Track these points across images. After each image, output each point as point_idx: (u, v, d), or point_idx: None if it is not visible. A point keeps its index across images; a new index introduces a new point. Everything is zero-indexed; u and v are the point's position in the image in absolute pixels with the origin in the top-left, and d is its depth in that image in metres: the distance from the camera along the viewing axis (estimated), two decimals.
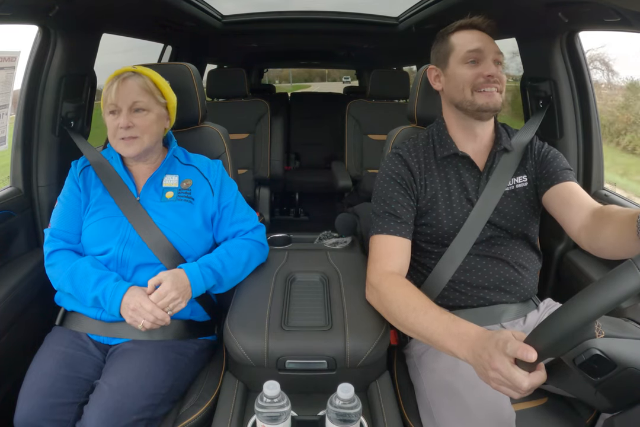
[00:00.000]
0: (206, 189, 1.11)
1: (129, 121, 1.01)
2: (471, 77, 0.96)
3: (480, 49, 0.96)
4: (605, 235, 0.81)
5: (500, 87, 0.97)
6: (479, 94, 0.96)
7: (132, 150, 1.04)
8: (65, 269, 0.99)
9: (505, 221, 1.00)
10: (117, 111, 1.02)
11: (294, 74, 13.48)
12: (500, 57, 0.97)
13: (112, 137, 1.05)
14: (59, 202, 1.09)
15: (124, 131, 1.02)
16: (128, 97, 1.02)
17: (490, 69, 0.95)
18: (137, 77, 1.04)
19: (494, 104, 0.96)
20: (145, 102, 1.03)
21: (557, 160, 1.00)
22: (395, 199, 1.00)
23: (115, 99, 1.01)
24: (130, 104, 1.02)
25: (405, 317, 0.84)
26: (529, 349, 0.61)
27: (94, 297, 0.95)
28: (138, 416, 0.86)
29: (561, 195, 0.94)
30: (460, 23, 0.99)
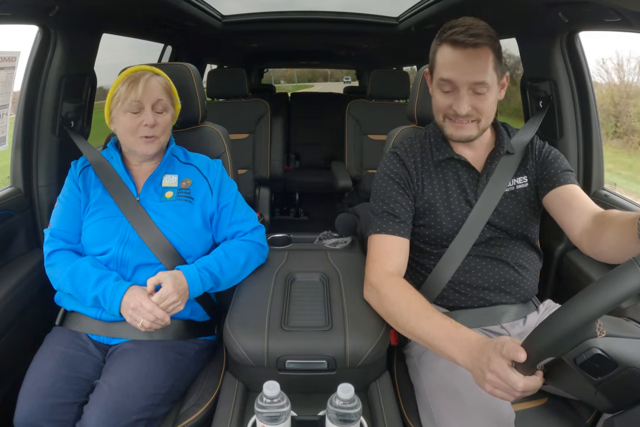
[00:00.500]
0: (205, 188, 1.11)
1: (154, 119, 1.02)
2: (442, 106, 0.94)
3: (452, 80, 0.89)
4: (606, 239, 0.81)
5: (476, 118, 0.92)
6: (449, 122, 0.95)
7: (152, 149, 1.05)
8: (65, 269, 0.99)
9: (505, 222, 1.00)
10: (140, 109, 1.02)
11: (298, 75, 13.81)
12: (478, 86, 0.88)
13: (130, 136, 1.03)
14: (59, 202, 1.09)
15: (149, 129, 1.02)
16: (153, 95, 1.03)
17: (457, 105, 0.90)
18: (158, 77, 1.06)
19: (458, 137, 0.95)
20: (165, 102, 1.06)
21: (558, 161, 1.00)
22: (393, 198, 0.99)
23: (141, 96, 1.01)
24: (154, 102, 1.03)
25: (407, 320, 0.84)
26: (520, 349, 0.63)
27: (94, 297, 0.95)
28: (138, 416, 0.86)
29: (562, 197, 0.94)
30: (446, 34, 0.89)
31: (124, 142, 1.07)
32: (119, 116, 1.03)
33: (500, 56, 0.91)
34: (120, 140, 1.08)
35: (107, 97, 1.04)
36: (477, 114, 0.92)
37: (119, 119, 1.03)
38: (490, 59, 0.88)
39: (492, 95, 0.91)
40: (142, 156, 1.08)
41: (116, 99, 1.02)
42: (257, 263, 1.14)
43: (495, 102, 0.94)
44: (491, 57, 0.89)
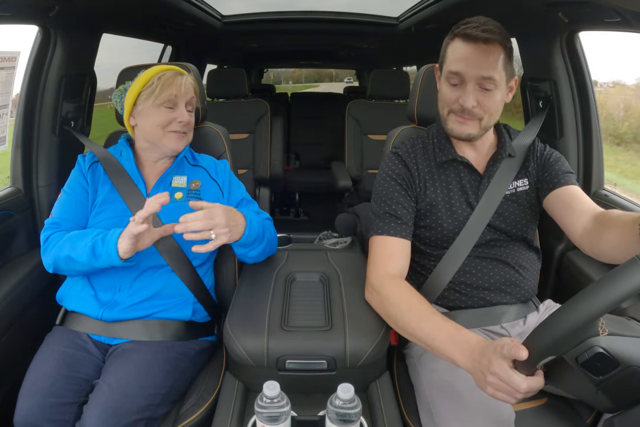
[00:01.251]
0: (215, 190, 1.11)
1: (188, 116, 1.05)
2: (449, 100, 0.93)
3: (460, 73, 0.89)
4: (607, 239, 0.81)
5: (480, 116, 0.91)
6: (453, 116, 0.94)
7: (182, 145, 1.07)
8: (62, 238, 0.97)
9: (505, 224, 1.00)
10: (174, 105, 1.03)
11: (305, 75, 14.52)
12: (486, 82, 0.88)
13: (159, 130, 1.03)
14: (63, 193, 1.07)
15: (182, 126, 1.04)
16: (188, 93, 1.05)
17: (464, 98, 0.89)
18: (189, 77, 1.07)
19: (458, 133, 0.94)
20: (195, 101, 1.08)
21: (559, 163, 1.00)
22: (395, 199, 0.99)
23: (179, 91, 1.02)
24: (188, 100, 1.05)
25: (407, 321, 0.84)
26: (521, 347, 0.62)
27: (92, 245, 0.91)
28: (138, 416, 0.85)
29: (563, 199, 0.94)
30: (459, 29, 0.90)
31: (150, 137, 1.05)
32: (150, 110, 1.02)
33: (511, 57, 0.91)
34: (145, 135, 1.06)
35: (133, 92, 1.03)
36: (481, 112, 0.91)
37: (149, 112, 1.02)
38: (501, 57, 0.88)
39: (498, 93, 0.91)
40: (166, 152, 1.08)
41: (148, 93, 1.01)
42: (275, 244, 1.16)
43: (501, 102, 0.93)
44: (502, 56, 0.88)
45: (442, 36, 0.98)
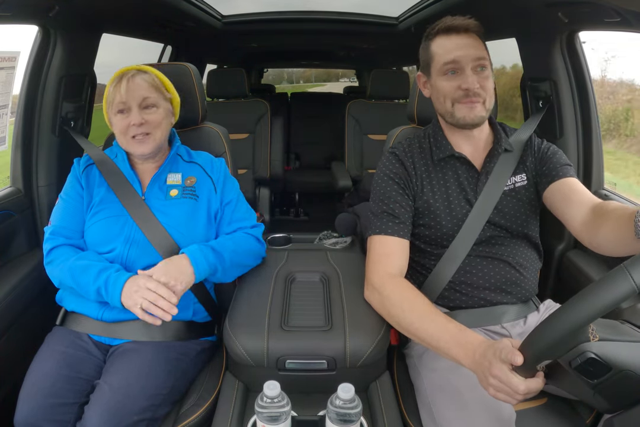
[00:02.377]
0: (209, 186, 1.11)
1: (141, 118, 1.01)
2: (450, 90, 0.94)
3: (456, 60, 0.92)
4: (604, 232, 0.81)
5: (484, 96, 0.93)
6: (459, 105, 0.94)
7: (146, 148, 1.04)
8: (65, 264, 0.98)
9: (505, 220, 1.00)
10: (127, 110, 1.02)
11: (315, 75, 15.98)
12: (483, 62, 0.93)
13: (122, 137, 1.03)
14: (60, 200, 1.08)
15: (136, 128, 1.01)
16: (137, 93, 1.01)
17: (467, 81, 0.91)
18: (143, 74, 1.04)
19: (471, 118, 0.95)
20: (154, 98, 1.04)
21: (556, 156, 1.00)
22: (393, 198, 0.99)
23: (125, 97, 1.00)
24: (140, 101, 1.02)
25: (410, 322, 0.84)
26: (517, 353, 0.64)
27: (97, 289, 0.93)
28: (139, 417, 0.85)
29: (562, 191, 0.94)
30: (437, 27, 0.95)
31: (120, 144, 1.07)
32: (112, 119, 1.04)
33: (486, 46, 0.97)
34: (118, 142, 1.08)
35: (103, 101, 1.05)
36: (484, 93, 0.93)
37: (112, 121, 1.04)
38: (482, 43, 0.95)
39: (490, 75, 0.95)
40: (138, 156, 1.08)
41: (108, 102, 1.03)
42: (256, 254, 1.14)
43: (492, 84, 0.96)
44: (482, 42, 0.95)
45: None
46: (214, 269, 1.01)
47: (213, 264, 1.00)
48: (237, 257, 1.06)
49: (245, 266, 1.11)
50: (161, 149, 1.10)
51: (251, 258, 1.12)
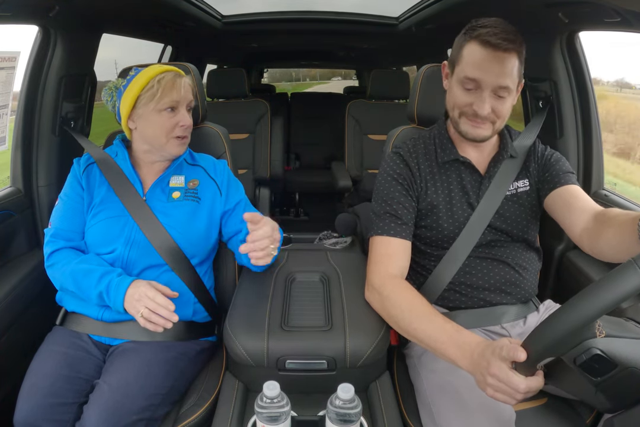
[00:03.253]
0: (213, 189, 1.10)
1: (190, 120, 1.04)
2: (461, 104, 0.92)
3: (477, 80, 0.88)
4: (606, 238, 0.81)
5: (493, 120, 0.92)
6: (465, 119, 0.93)
7: (183, 149, 1.06)
8: (66, 268, 0.98)
9: (506, 225, 1.00)
10: (176, 109, 1.02)
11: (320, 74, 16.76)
12: (502, 91, 0.88)
13: (163, 135, 1.01)
14: (60, 201, 1.07)
15: (184, 130, 1.03)
16: (187, 96, 1.03)
17: (479, 106, 0.89)
18: (188, 78, 1.06)
19: (473, 136, 0.94)
20: (192, 103, 1.07)
21: (559, 163, 1.00)
22: (396, 199, 0.99)
23: (180, 95, 1.01)
24: (188, 102, 1.04)
25: (409, 322, 0.84)
26: (520, 349, 0.63)
27: (98, 294, 0.93)
28: (138, 416, 0.85)
29: (563, 198, 0.94)
30: (478, 33, 0.88)
31: (152, 142, 1.04)
32: (151, 115, 1.00)
33: (523, 62, 0.91)
34: (147, 140, 1.04)
35: (131, 94, 1.00)
36: (494, 117, 0.92)
37: (150, 117, 1.00)
38: (516, 64, 0.88)
39: (510, 99, 0.91)
40: (167, 156, 1.07)
41: (148, 97, 0.99)
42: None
43: (511, 107, 0.93)
44: (517, 63, 0.89)
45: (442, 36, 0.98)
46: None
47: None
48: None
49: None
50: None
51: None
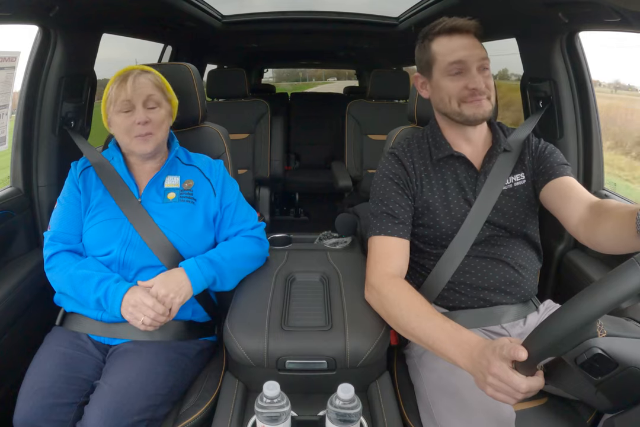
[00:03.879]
0: (208, 189, 1.11)
1: (145, 116, 1.01)
2: (456, 90, 0.95)
3: (462, 60, 0.93)
4: (604, 230, 0.81)
5: (488, 93, 0.94)
6: (466, 104, 0.95)
7: (149, 147, 1.04)
8: (65, 272, 0.99)
9: (504, 219, 1.00)
10: (131, 108, 1.02)
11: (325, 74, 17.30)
12: (486, 62, 0.94)
13: (125, 136, 1.03)
14: (59, 204, 1.08)
15: (142, 127, 1.02)
16: (143, 92, 1.02)
17: (474, 81, 0.92)
18: (147, 74, 1.05)
19: (481, 115, 0.95)
20: (158, 97, 1.05)
21: (554, 155, 1.00)
22: (393, 199, 0.99)
23: (130, 95, 1.01)
24: (145, 99, 1.02)
25: (407, 322, 0.84)
26: (520, 348, 0.63)
27: (96, 299, 0.95)
28: (139, 417, 0.85)
29: (559, 189, 0.94)
30: (439, 28, 0.96)
31: (121, 143, 1.07)
32: (113, 117, 1.03)
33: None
34: (118, 142, 1.08)
35: (102, 101, 1.05)
36: (488, 91, 0.95)
37: (114, 120, 1.04)
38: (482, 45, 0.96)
39: (491, 74, 0.96)
40: (141, 156, 1.07)
41: (109, 101, 1.03)
42: (260, 256, 1.14)
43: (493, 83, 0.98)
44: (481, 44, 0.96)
45: None
46: (212, 281, 1.02)
47: (210, 277, 1.01)
48: (236, 264, 1.06)
49: (246, 270, 1.11)
50: (161, 150, 1.10)
51: (252, 262, 1.12)
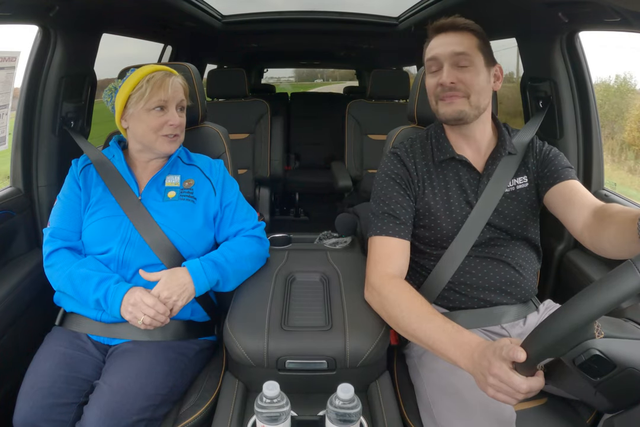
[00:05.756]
0: (208, 188, 1.11)
1: (180, 119, 1.05)
2: (432, 87, 0.96)
3: (434, 57, 0.94)
4: (607, 236, 0.81)
5: (465, 93, 0.92)
6: (441, 102, 0.95)
7: (174, 147, 1.08)
8: (64, 271, 0.99)
9: (505, 222, 0.99)
10: (165, 108, 1.03)
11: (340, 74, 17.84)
12: (463, 57, 0.91)
13: (152, 133, 1.04)
14: (59, 201, 1.08)
15: (173, 129, 1.04)
16: (178, 95, 1.05)
17: (442, 77, 0.92)
18: (179, 78, 1.07)
19: (450, 114, 0.94)
20: (185, 102, 1.09)
21: (558, 158, 1.00)
22: (394, 199, 0.99)
23: (169, 95, 1.03)
24: (179, 102, 1.06)
25: (408, 322, 0.84)
26: (519, 349, 0.63)
27: (96, 300, 0.95)
28: (138, 417, 0.85)
29: (563, 194, 0.94)
30: (430, 29, 0.97)
31: (142, 140, 1.06)
32: (141, 114, 1.03)
33: (487, 44, 0.96)
34: (138, 139, 1.07)
35: (122, 94, 1.03)
36: (465, 88, 0.92)
37: (140, 116, 1.03)
38: (473, 39, 0.93)
39: (480, 73, 0.93)
40: (159, 154, 1.09)
41: (138, 96, 1.02)
42: (261, 256, 1.14)
43: (487, 84, 0.95)
44: (474, 39, 0.93)
45: None
46: (215, 283, 1.02)
47: (214, 279, 1.01)
48: (239, 266, 1.06)
49: (248, 272, 1.11)
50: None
51: (254, 262, 1.12)
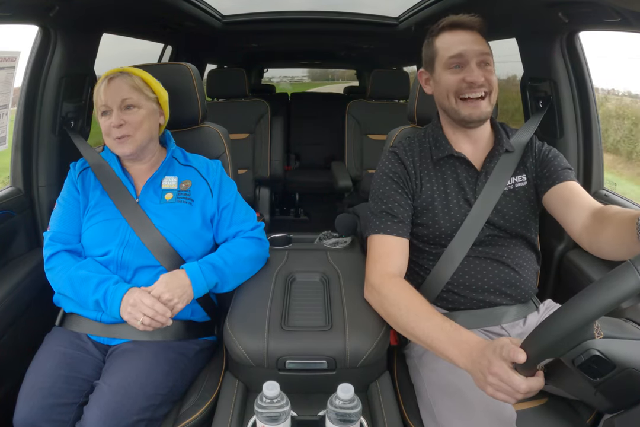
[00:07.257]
0: (205, 189, 1.11)
1: (120, 119, 1.01)
2: (454, 84, 0.94)
3: (461, 54, 0.93)
4: (605, 237, 0.81)
5: (488, 90, 0.93)
6: (463, 103, 0.94)
7: (127, 149, 1.04)
8: (64, 273, 0.99)
9: (504, 220, 0.99)
10: (109, 111, 1.03)
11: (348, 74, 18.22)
12: (486, 57, 0.94)
13: (106, 138, 1.05)
14: (58, 204, 1.09)
15: (117, 130, 1.02)
16: (117, 95, 1.02)
17: (472, 74, 0.92)
18: (124, 76, 1.05)
19: (477, 115, 0.94)
20: (134, 99, 1.04)
21: (557, 159, 1.00)
22: (392, 197, 0.99)
23: (104, 99, 1.02)
24: (120, 103, 1.02)
25: (407, 321, 0.84)
26: (519, 350, 0.63)
27: (95, 301, 0.95)
28: (138, 417, 0.85)
29: (562, 195, 0.94)
30: (443, 23, 0.96)
31: (107, 145, 1.08)
32: (99, 120, 1.05)
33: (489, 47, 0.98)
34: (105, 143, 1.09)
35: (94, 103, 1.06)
36: (489, 86, 0.94)
37: (99, 122, 1.05)
38: (486, 42, 0.96)
39: (494, 71, 0.96)
40: (122, 157, 1.09)
41: (95, 104, 1.05)
42: (260, 257, 1.14)
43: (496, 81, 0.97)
44: (485, 41, 0.96)
45: None
46: (214, 285, 1.02)
47: (213, 282, 1.01)
48: (238, 269, 1.06)
49: (247, 274, 1.11)
50: (147, 150, 1.09)
51: (253, 264, 1.12)
